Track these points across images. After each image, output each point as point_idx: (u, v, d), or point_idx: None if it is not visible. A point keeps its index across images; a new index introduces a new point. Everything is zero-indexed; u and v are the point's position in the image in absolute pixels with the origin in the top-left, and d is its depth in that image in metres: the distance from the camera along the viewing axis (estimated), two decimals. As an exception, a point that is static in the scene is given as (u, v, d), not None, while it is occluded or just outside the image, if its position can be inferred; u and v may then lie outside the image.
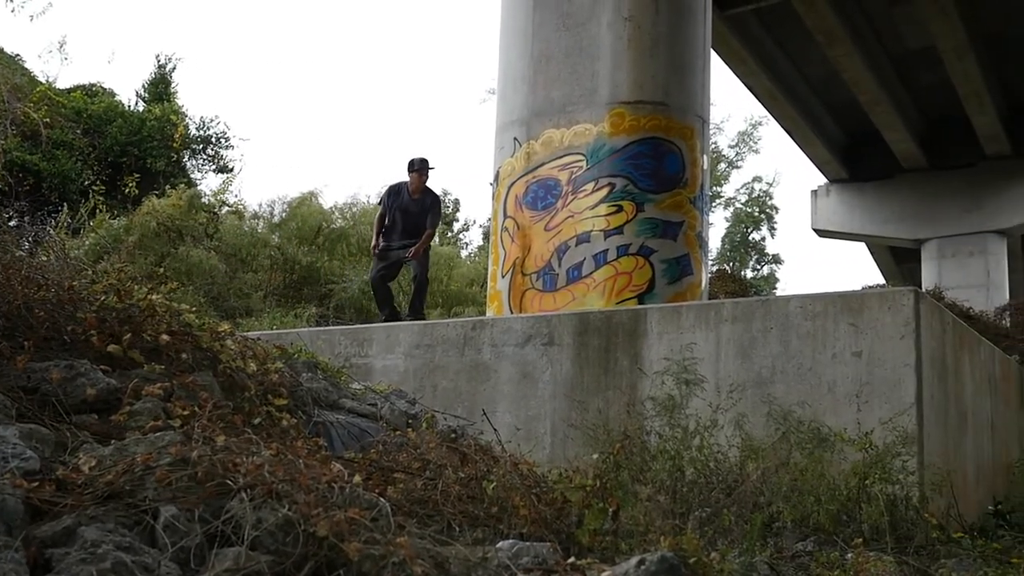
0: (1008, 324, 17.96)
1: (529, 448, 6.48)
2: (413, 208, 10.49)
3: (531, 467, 4.02)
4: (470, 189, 74.33)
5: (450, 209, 32.59)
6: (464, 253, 26.26)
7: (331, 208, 18.76)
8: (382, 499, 2.98)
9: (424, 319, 10.21)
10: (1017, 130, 22.84)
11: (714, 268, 23.32)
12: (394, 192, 10.69)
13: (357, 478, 3.11)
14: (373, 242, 10.82)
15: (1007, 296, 23.53)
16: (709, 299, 10.84)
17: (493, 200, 10.73)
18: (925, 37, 19.19)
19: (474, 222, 32.58)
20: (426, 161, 10.57)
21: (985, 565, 4.75)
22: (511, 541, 2.99)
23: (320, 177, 69.96)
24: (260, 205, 18.78)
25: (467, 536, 3.29)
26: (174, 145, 21.65)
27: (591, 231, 9.81)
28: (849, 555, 4.18)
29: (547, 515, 3.51)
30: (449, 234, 29.65)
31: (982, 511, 6.96)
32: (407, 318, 10.14)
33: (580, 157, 10.01)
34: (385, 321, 10.10)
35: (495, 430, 5.39)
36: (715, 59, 19.28)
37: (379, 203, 11.06)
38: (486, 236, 28.08)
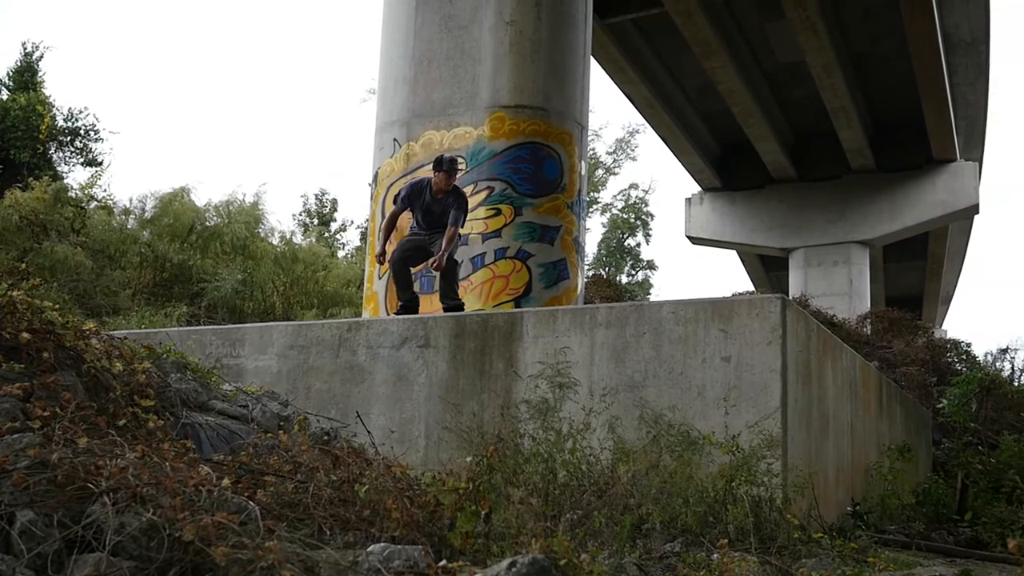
0: (869, 331, 18.65)
1: (403, 451, 6.45)
2: (436, 208, 9.47)
3: (404, 470, 4.00)
4: (348, 189, 73.60)
5: (327, 209, 32.24)
6: (341, 254, 26.01)
7: (205, 205, 18.35)
8: (251, 503, 2.93)
9: (462, 307, 9.31)
10: (881, 145, 23.76)
11: (590, 273, 23.61)
12: (417, 190, 9.64)
13: (226, 481, 3.05)
14: (379, 249, 9.64)
15: (868, 304, 24.44)
16: (585, 303, 10.97)
17: (372, 201, 10.65)
18: (796, 53, 19.82)
19: (352, 222, 32.30)
20: (455, 161, 9.59)
21: (843, 564, 4.92)
22: (382, 545, 2.97)
23: (194, 173, 68.42)
24: (131, 200, 18.21)
25: (338, 540, 3.25)
26: (40, 136, 20.88)
27: (469, 234, 9.82)
28: (715, 555, 4.27)
29: (419, 518, 3.50)
30: (326, 234, 29.31)
31: (841, 512, 7.19)
32: (445, 310, 9.18)
33: (460, 160, 10.02)
34: (402, 309, 9.26)
35: (369, 432, 5.35)
36: (595, 67, 19.57)
37: (394, 202, 9.82)
38: (364, 237, 27.85)
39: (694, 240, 27.69)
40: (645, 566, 4.18)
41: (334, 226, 31.61)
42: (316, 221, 31.60)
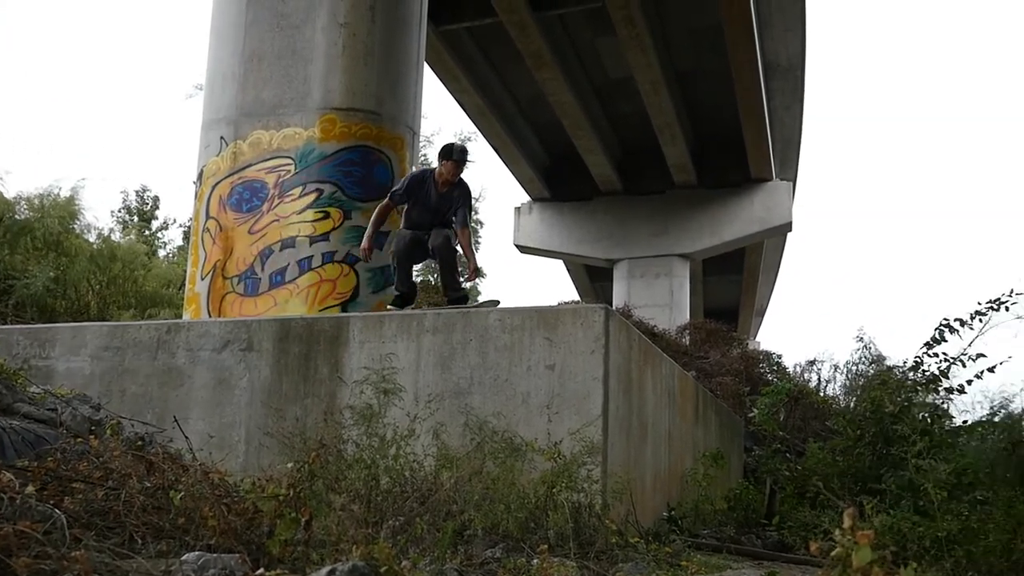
0: (687, 342, 19.25)
1: (222, 457, 6.28)
2: (438, 204, 8.77)
3: (222, 476, 3.90)
4: (171, 186, 71.35)
5: (149, 206, 31.17)
6: (162, 253, 25.18)
7: (15, 198, 17.44)
8: (57, 511, 2.80)
9: (466, 299, 8.85)
10: (704, 162, 24.60)
11: (419, 279, 23.59)
12: (418, 181, 8.83)
13: (30, 488, 2.91)
14: (364, 243, 8.82)
15: (688, 316, 25.22)
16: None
17: (196, 199, 10.35)
18: (626, 69, 20.32)
19: (174, 221, 31.28)
20: (467, 151, 8.85)
21: (657, 568, 5.06)
22: (197, 553, 2.89)
23: (2, 164, 64.96)
24: (-72, 190, 17.12)
25: (151, 549, 3.15)
26: None
27: (297, 236, 9.67)
28: (535, 561, 4.33)
29: (237, 526, 3.42)
30: (147, 232, 28.33)
31: (657, 517, 7.40)
32: (450, 305, 8.59)
33: (289, 161, 9.85)
34: (398, 300, 8.70)
35: (187, 438, 5.20)
36: (428, 73, 19.58)
37: (395, 191, 8.92)
38: (186, 236, 27.05)
39: (522, 249, 28.01)
40: (466, 572, 4.19)
41: (155, 224, 30.57)
42: (137, 218, 30.49)
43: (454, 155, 8.61)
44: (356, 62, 10.13)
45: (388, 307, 8.92)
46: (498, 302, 7.99)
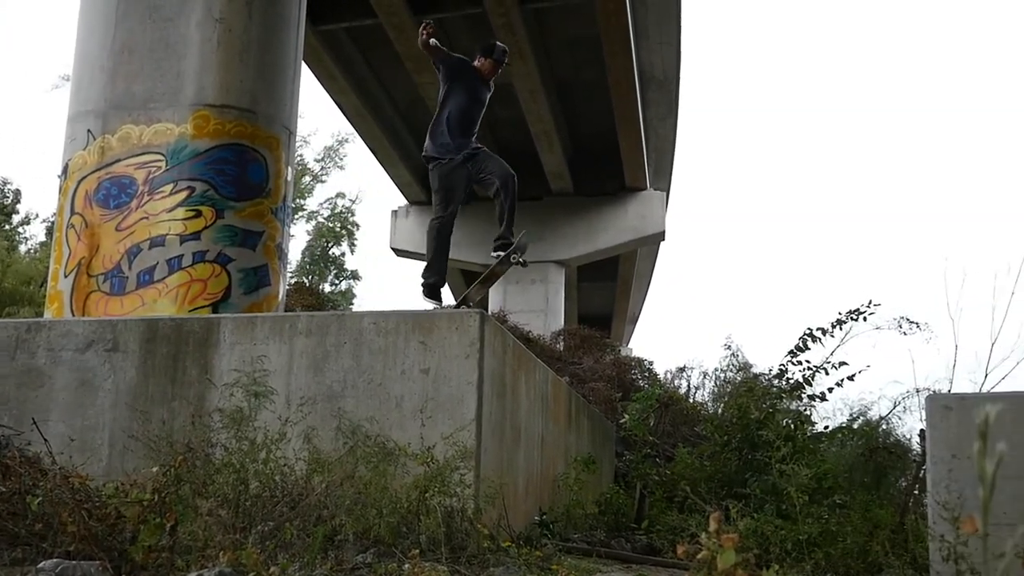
0: (562, 348, 19.44)
1: (84, 461, 6.08)
2: (485, 97, 7.95)
3: (83, 481, 3.77)
4: (33, 180, 68.74)
5: (9, 200, 29.99)
6: (23, 248, 24.24)
7: None
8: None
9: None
10: (580, 170, 24.88)
11: (292, 280, 23.24)
12: (466, 64, 7.89)
13: None
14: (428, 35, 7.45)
15: (562, 322, 25.47)
16: (286, 311, 10.78)
17: (60, 194, 9.99)
18: (505, 76, 20.39)
19: (36, 216, 30.17)
20: (507, 52, 8.09)
21: (528, 572, 5.09)
22: (55, 560, 2.78)
23: None
24: None
25: (5, 556, 3.02)
26: None
27: (167, 235, 9.42)
28: (406, 566, 4.31)
29: (98, 532, 3.31)
30: (7, 227, 27.23)
31: (530, 521, 7.44)
32: (503, 251, 7.96)
33: (160, 157, 9.59)
34: (433, 294, 7.99)
35: (46, 441, 5.02)
36: (306, 72, 19.34)
37: (449, 53, 7.89)
38: (50, 232, 26.09)
39: (399, 252, 27.87)
40: (336, 578, 4.15)
41: (16, 219, 29.42)
42: (-4, 213, 29.29)
43: (495, 54, 7.91)
44: (232, 58, 9.94)
45: (427, 298, 8.16)
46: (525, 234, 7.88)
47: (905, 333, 10.30)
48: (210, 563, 3.22)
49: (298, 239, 42.48)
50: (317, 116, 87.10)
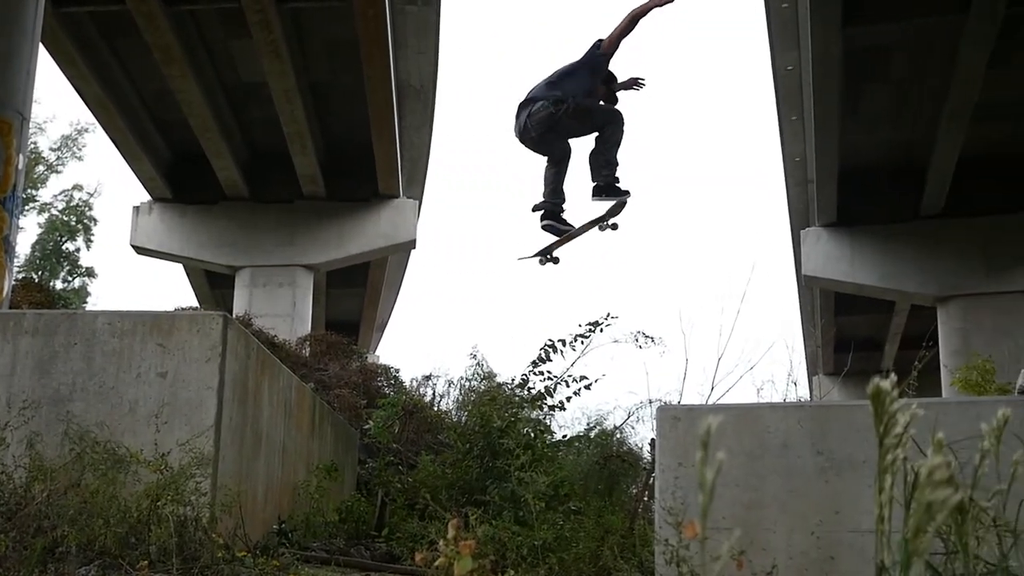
0: (308, 353, 19.18)
1: None
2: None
3: None
4: None
5: None
6: None
7: None
8: None
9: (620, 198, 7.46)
10: (334, 175, 24.64)
11: (20, 276, 21.81)
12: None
13: None
14: None
15: (309, 327, 25.13)
16: (11, 308, 10.10)
17: None
18: (260, 74, 19.97)
19: None
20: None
21: (264, 582, 4.99)
22: None
23: None
24: None
25: None
26: None
27: None
28: (134, 578, 4.13)
29: None
30: None
31: (268, 530, 7.30)
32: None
33: None
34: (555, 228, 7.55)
35: None
36: (44, 56, 18.23)
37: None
38: None
39: (139, 250, 26.65)
40: (55, 592, 3.93)
41: None
42: None
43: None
44: (-41, 35, 9.25)
45: (542, 226, 7.61)
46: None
47: (641, 347, 10.82)
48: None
49: (28, 232, 39.89)
50: (55, 102, 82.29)
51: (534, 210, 7.59)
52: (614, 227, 7.61)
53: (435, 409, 15.34)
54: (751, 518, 5.04)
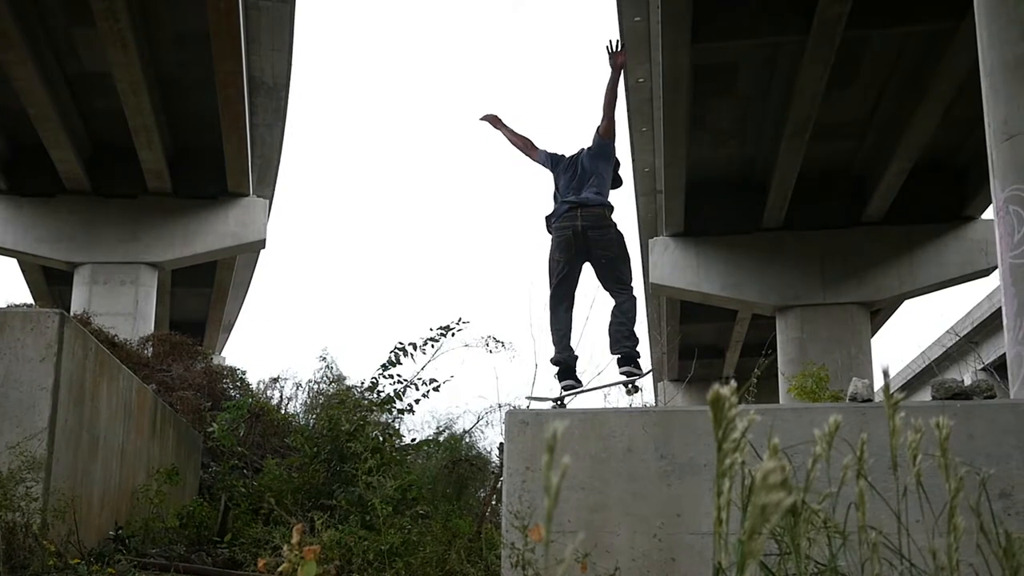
0: (150, 354, 18.61)
1: None
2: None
3: None
4: None
5: None
6: None
7: None
8: None
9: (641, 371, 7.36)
10: (181, 171, 24.01)
11: None
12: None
13: None
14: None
15: (152, 327, 24.40)
16: None
17: None
18: (103, 64, 19.30)
19: None
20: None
21: (99, 590, 4.82)
22: None
23: None
24: None
25: None
26: None
27: None
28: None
29: None
30: None
31: (104, 536, 7.05)
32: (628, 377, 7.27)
33: None
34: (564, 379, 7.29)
35: None
36: None
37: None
38: None
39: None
40: None
41: None
42: None
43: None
44: None
45: (562, 387, 7.43)
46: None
47: (492, 351, 10.88)
48: None
49: None
50: None
51: (552, 363, 7.53)
52: (636, 389, 7.63)
53: (282, 412, 15.08)
54: (596, 521, 5.12)
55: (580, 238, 7.25)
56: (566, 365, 7.37)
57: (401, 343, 10.19)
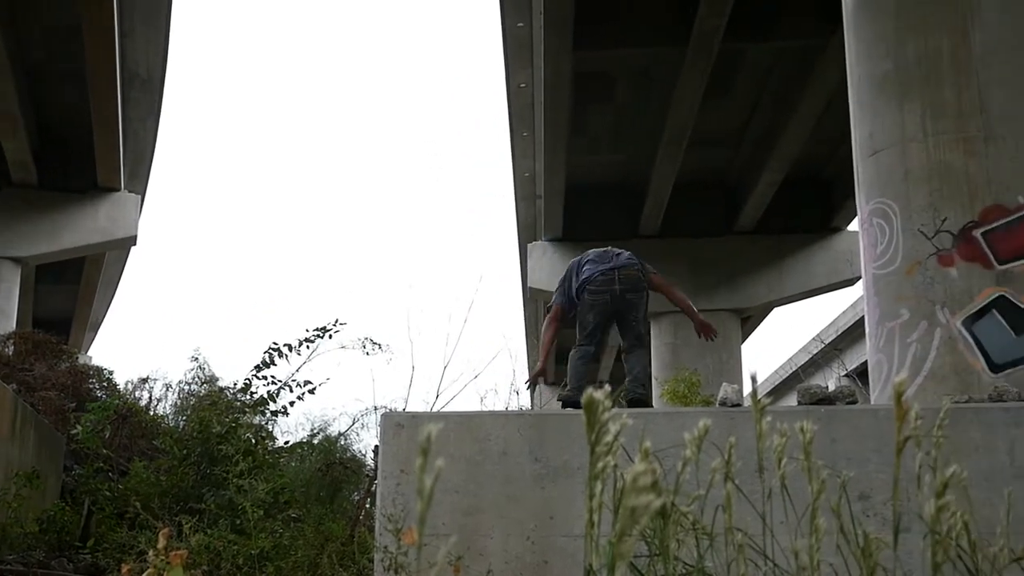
0: (11, 352, 17.93)
1: None
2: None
3: None
4: None
5: None
6: None
7: None
8: None
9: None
10: (48, 163, 23.25)
11: None
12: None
13: None
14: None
15: (14, 324, 23.54)
16: None
17: None
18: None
19: None
20: None
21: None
22: None
23: None
24: None
25: None
26: None
27: None
28: None
29: None
30: None
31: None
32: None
33: None
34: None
35: None
36: None
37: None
38: None
39: None
40: None
41: None
42: None
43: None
44: None
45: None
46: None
47: (368, 353, 10.81)
48: None
49: None
50: None
51: (559, 400, 7.94)
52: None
53: (151, 414, 14.68)
54: (470, 524, 5.13)
55: (617, 301, 7.61)
56: (574, 403, 7.64)
57: (276, 344, 10.04)
